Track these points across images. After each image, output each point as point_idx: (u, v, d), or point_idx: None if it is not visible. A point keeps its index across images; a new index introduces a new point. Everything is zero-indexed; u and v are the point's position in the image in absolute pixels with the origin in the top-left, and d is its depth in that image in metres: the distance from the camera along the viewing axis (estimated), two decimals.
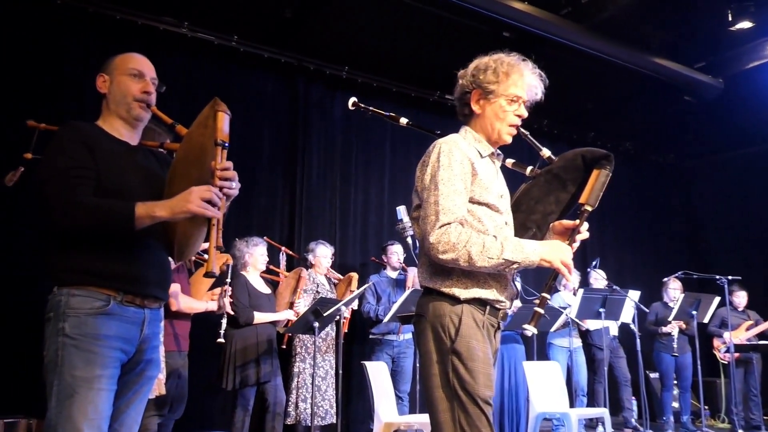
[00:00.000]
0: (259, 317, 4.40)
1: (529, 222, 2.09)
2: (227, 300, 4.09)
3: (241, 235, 4.78)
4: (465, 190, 1.92)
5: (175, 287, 3.80)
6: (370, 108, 2.56)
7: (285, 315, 4.54)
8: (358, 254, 6.17)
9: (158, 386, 2.76)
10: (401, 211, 3.90)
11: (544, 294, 2.00)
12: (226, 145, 1.93)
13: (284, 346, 4.71)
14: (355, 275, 5.11)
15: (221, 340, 4.11)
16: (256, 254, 4.57)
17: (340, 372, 4.43)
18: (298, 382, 4.80)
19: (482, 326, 1.93)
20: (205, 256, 3.96)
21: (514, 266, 1.89)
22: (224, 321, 4.11)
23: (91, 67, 4.92)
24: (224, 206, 1.87)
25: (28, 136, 3.05)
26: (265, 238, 4.95)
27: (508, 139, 2.07)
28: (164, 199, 1.86)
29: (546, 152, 2.14)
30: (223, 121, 1.94)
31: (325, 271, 5.12)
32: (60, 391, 1.74)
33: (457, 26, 5.61)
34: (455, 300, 1.92)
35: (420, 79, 6.42)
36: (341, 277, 5.24)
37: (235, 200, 5.43)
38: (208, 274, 1.80)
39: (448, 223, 1.86)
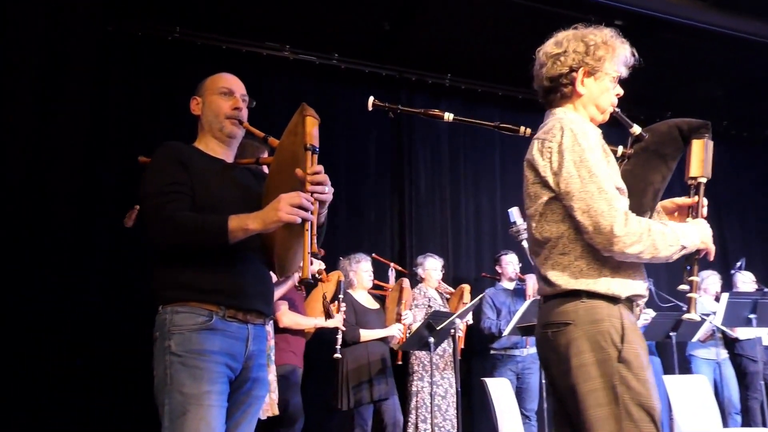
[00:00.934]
0: (366, 335, 4.29)
1: (644, 205, 1.85)
2: (340, 316, 4.02)
3: (352, 252, 4.72)
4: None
5: (282, 305, 3.78)
6: (396, 107, 2.37)
7: (391, 331, 4.40)
8: (473, 266, 5.93)
9: (271, 407, 2.69)
10: (514, 213, 3.62)
11: (693, 278, 1.76)
12: (316, 149, 1.87)
13: (399, 362, 4.56)
14: (467, 287, 4.88)
15: (338, 355, 4.03)
16: (360, 271, 4.49)
17: (459, 390, 4.21)
18: (416, 401, 4.63)
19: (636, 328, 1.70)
20: (318, 276, 4.01)
21: (683, 252, 1.70)
22: (339, 336, 4.03)
23: None
24: (317, 211, 1.79)
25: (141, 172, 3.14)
26: (373, 255, 4.87)
27: (605, 119, 1.89)
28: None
29: (636, 129, 1.90)
30: (312, 125, 1.89)
31: (436, 284, 4.93)
32: (171, 411, 1.72)
33: (562, 18, 5.26)
34: (614, 300, 1.69)
35: (527, 80, 6.10)
36: (453, 290, 5.03)
37: (344, 218, 5.41)
38: (302, 281, 1.72)
39: (626, 212, 1.66)
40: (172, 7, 5.04)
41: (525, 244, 3.39)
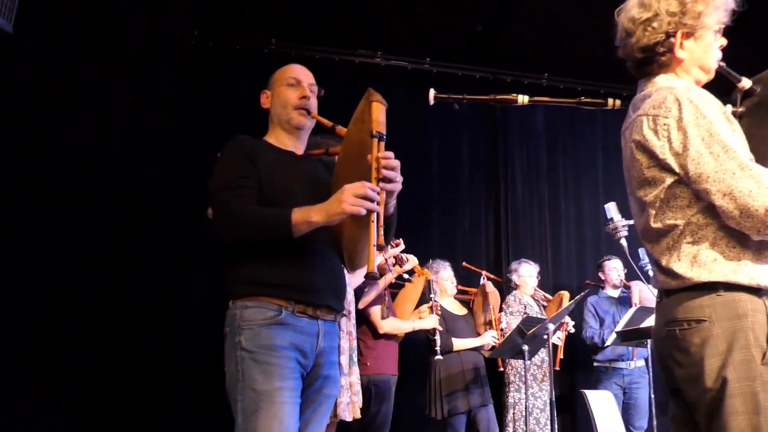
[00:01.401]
0: (459, 344, 4.15)
1: None
2: (435, 316, 3.92)
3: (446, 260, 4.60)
4: None
5: (376, 311, 3.73)
6: (462, 97, 2.20)
7: (485, 339, 4.23)
8: (574, 274, 5.63)
9: (353, 410, 2.63)
10: (611, 209, 3.32)
11: None
12: (383, 136, 1.80)
13: (501, 368, 4.37)
14: (566, 294, 4.61)
15: (439, 357, 3.92)
16: (441, 280, 4.36)
17: (553, 401, 3.96)
18: (514, 414, 4.41)
19: None
20: (405, 276, 3.93)
21: None
22: (438, 338, 3.93)
23: None
24: (383, 202, 1.70)
25: None
26: (464, 264, 4.74)
27: (711, 78, 1.67)
28: None
29: (746, 82, 1.66)
30: (379, 111, 1.82)
31: (531, 291, 4.71)
32: (244, 408, 1.69)
33: None
34: (757, 292, 1.48)
35: (630, 75, 5.76)
36: (551, 297, 4.78)
37: (437, 225, 5.28)
38: (368, 275, 1.63)
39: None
40: (266, 20, 5.20)
41: (624, 242, 3.12)
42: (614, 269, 4.87)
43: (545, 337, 3.42)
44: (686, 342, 1.51)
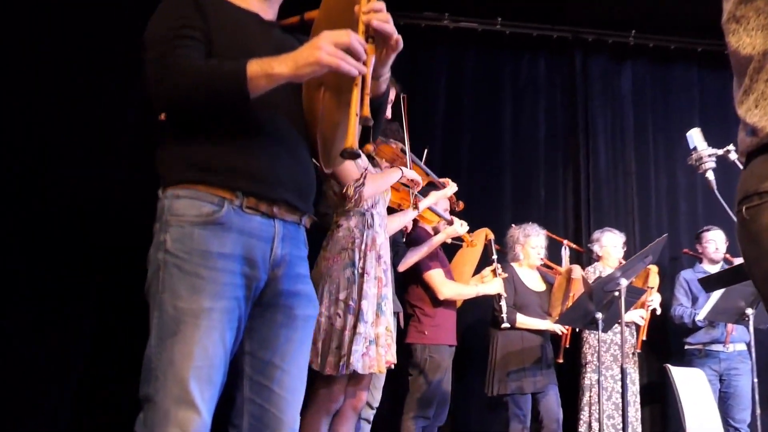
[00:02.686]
0: (523, 321, 3.74)
1: None
2: (500, 280, 3.54)
3: None
4: None
5: (437, 274, 3.43)
6: None
7: (551, 326, 3.79)
8: (666, 250, 5.02)
9: (379, 363, 2.32)
10: (693, 136, 2.71)
11: None
12: None
13: (560, 360, 3.93)
14: (653, 267, 4.08)
15: (506, 324, 3.54)
16: (528, 246, 3.94)
17: (626, 384, 3.50)
18: (590, 396, 3.97)
19: None
20: (464, 234, 3.57)
21: None
22: (504, 304, 3.55)
23: None
24: (371, 63, 1.34)
25: None
26: (545, 231, 4.30)
27: None
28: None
29: None
30: None
31: (616, 263, 4.19)
32: (161, 327, 1.35)
33: None
34: None
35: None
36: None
37: (510, 196, 4.90)
38: (344, 152, 1.28)
39: None
40: None
41: (710, 176, 2.56)
42: (713, 241, 4.29)
43: (617, 296, 2.89)
44: (755, 225, 1.12)
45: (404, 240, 3.33)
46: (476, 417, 4.41)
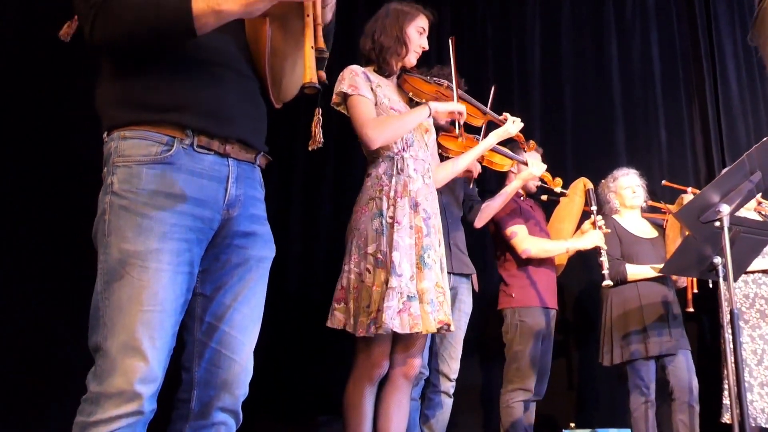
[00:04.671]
0: (634, 271, 3.22)
1: None
2: (599, 232, 3.08)
3: None
4: None
5: (519, 230, 3.08)
6: None
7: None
8: None
9: (423, 321, 2.05)
10: None
11: None
12: None
13: (690, 309, 3.34)
14: None
15: (607, 282, 3.05)
16: (620, 189, 3.43)
17: None
18: (733, 362, 3.33)
19: None
20: (557, 189, 3.17)
21: None
22: (604, 258, 3.07)
23: (447, 32, 4.73)
24: None
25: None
26: (663, 182, 3.74)
27: None
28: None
29: None
30: None
31: (753, 204, 3.51)
32: (108, 271, 1.27)
33: None
34: None
35: None
36: None
37: (623, 143, 4.40)
38: (305, 86, 1.22)
39: None
40: None
41: None
42: None
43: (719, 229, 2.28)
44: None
45: (465, 192, 3.01)
46: (593, 392, 3.92)
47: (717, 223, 2.23)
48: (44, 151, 2.89)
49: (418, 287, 2.08)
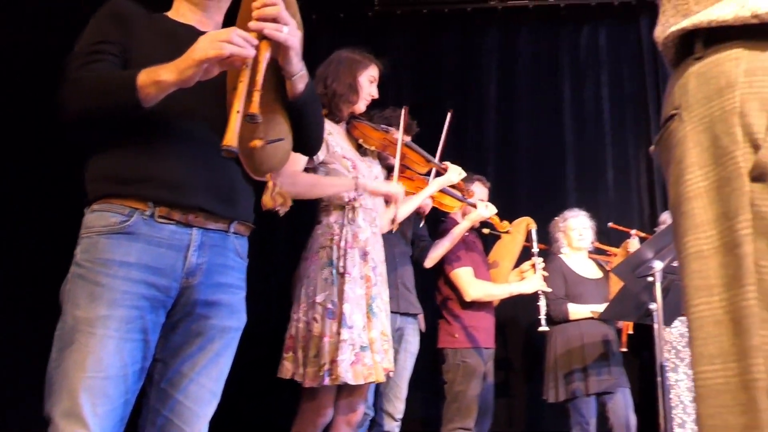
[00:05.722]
0: (576, 311, 3.34)
1: None
2: (539, 276, 3.19)
3: None
4: None
5: (465, 273, 3.16)
6: None
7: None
8: None
9: (375, 371, 2.10)
10: None
11: None
12: None
13: (624, 349, 3.47)
14: None
15: (544, 327, 3.17)
16: (568, 230, 3.56)
17: None
18: (670, 399, 3.48)
19: None
20: (502, 224, 3.26)
21: None
22: (543, 303, 3.18)
23: (406, 66, 4.84)
24: (264, 53, 1.31)
25: None
26: (610, 224, 3.89)
27: None
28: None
29: None
30: None
31: None
32: (61, 338, 1.31)
33: None
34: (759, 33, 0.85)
35: None
36: None
37: (573, 180, 4.51)
38: (221, 150, 1.21)
39: None
40: None
41: None
42: None
43: (652, 282, 2.44)
44: (661, 167, 0.97)
45: (415, 232, 3.07)
46: (537, 428, 4.03)
47: (650, 278, 2.35)
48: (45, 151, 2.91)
49: (369, 336, 2.13)
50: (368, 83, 2.41)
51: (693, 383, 2.73)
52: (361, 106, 2.41)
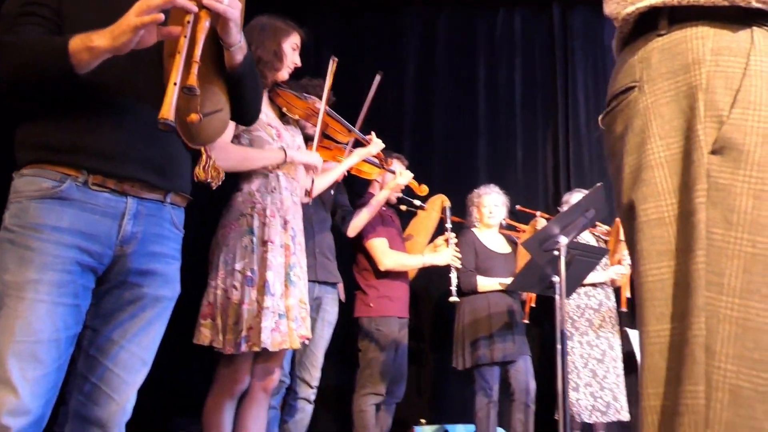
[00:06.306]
0: (484, 284, 3.52)
1: None
2: (451, 250, 3.32)
3: None
4: None
5: (380, 243, 3.23)
6: None
7: (506, 280, 3.53)
8: None
9: (291, 339, 2.11)
10: None
11: None
12: None
13: (526, 320, 3.69)
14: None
15: (454, 298, 3.29)
16: (481, 205, 3.72)
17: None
18: (564, 365, 3.73)
19: None
20: (416, 203, 3.37)
21: None
22: (453, 275, 3.31)
23: (326, 42, 4.82)
24: (203, 23, 1.28)
25: None
26: (518, 207, 4.07)
27: None
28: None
29: None
30: None
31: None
32: None
33: None
34: (737, 15, 0.88)
35: None
36: (609, 228, 3.99)
37: (485, 160, 4.65)
38: (158, 123, 1.19)
39: None
40: None
41: None
42: None
43: (557, 256, 2.62)
44: (611, 136, 0.97)
45: (335, 200, 3.12)
46: (445, 393, 4.23)
47: (556, 252, 2.52)
48: None
49: (286, 304, 2.16)
50: (291, 51, 2.40)
51: (584, 350, 2.92)
52: (284, 74, 2.40)
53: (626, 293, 3.81)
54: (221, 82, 1.45)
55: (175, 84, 1.21)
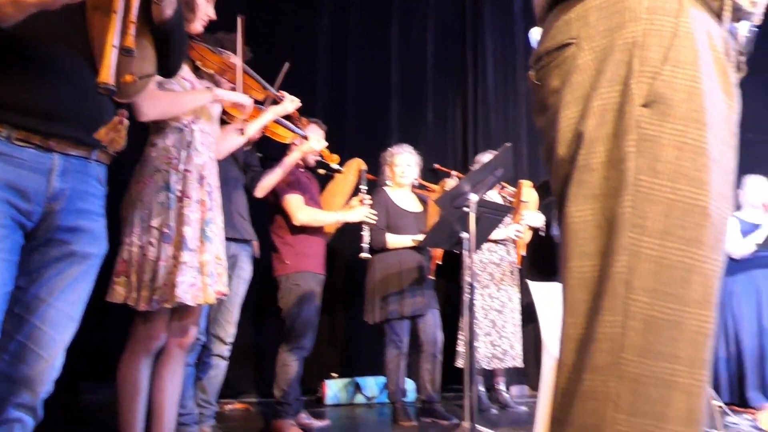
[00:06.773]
0: (394, 241, 3.63)
1: None
2: (365, 209, 3.39)
3: None
4: None
5: (295, 199, 3.24)
6: None
7: (419, 237, 3.67)
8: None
9: (206, 293, 2.11)
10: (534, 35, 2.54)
11: None
12: None
13: (432, 277, 3.85)
14: (526, 182, 4.05)
15: (365, 254, 3.39)
16: (393, 165, 3.80)
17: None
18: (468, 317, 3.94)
19: (718, 51, 0.94)
20: (334, 166, 3.40)
21: None
22: (366, 233, 3.41)
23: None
24: None
25: None
26: (435, 165, 4.18)
27: None
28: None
29: None
30: None
31: (498, 187, 4.14)
32: None
33: None
34: None
35: None
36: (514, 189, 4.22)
37: (397, 119, 4.71)
38: (98, 87, 1.16)
39: None
40: None
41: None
42: None
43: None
44: (544, 90, 0.99)
45: (246, 160, 3.10)
46: (356, 347, 4.36)
47: (466, 208, 2.64)
48: None
49: (200, 259, 2.14)
50: (205, 2, 2.33)
51: (484, 302, 3.07)
52: (197, 26, 2.33)
53: (522, 251, 4.07)
54: (149, 36, 1.42)
55: (114, 46, 1.17)
